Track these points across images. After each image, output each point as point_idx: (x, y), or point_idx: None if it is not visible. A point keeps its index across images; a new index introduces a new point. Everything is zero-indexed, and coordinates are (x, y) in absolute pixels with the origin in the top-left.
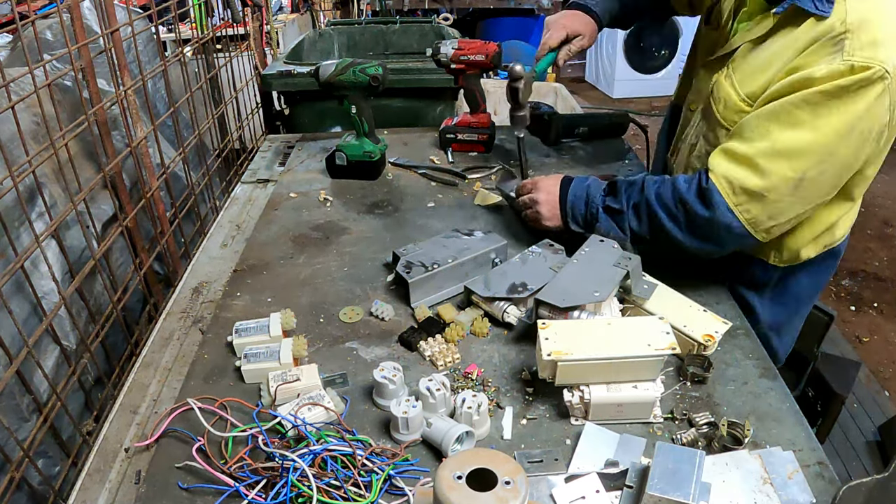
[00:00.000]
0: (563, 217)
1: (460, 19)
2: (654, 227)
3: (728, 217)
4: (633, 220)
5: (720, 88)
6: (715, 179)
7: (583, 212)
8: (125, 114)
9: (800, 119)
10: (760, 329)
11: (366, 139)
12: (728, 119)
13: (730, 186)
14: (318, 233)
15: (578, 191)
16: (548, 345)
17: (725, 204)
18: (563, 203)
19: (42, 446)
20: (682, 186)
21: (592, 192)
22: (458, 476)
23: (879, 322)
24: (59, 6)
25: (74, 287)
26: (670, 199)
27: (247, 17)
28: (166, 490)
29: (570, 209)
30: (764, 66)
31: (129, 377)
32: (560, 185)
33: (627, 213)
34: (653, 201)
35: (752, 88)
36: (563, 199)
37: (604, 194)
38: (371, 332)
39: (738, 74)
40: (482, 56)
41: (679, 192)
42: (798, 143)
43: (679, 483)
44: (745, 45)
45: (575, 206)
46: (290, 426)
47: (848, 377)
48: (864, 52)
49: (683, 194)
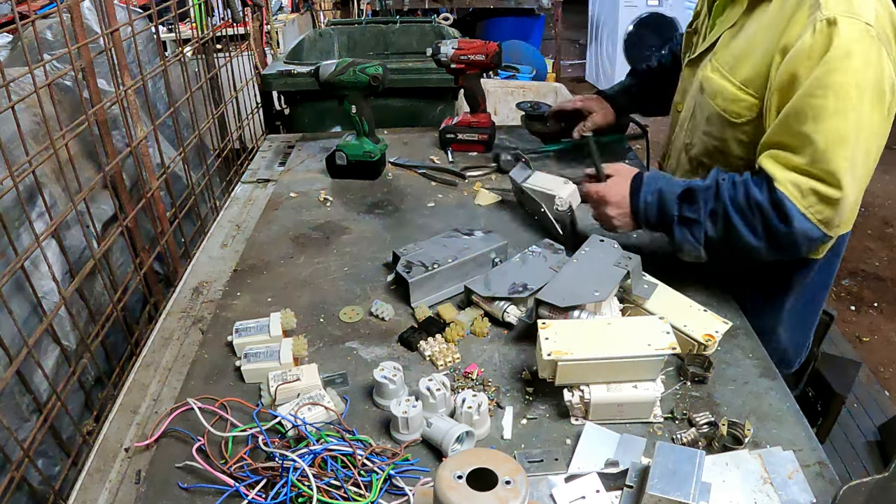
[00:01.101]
0: (636, 221)
1: (460, 19)
2: (730, 234)
3: (804, 224)
4: (709, 227)
5: (711, 82)
6: (782, 187)
7: (656, 217)
8: (125, 114)
9: (825, 106)
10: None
11: (366, 139)
12: (730, 110)
13: (798, 191)
14: (318, 233)
15: (650, 196)
16: (548, 345)
17: (797, 209)
18: (635, 208)
19: (42, 446)
20: (757, 194)
21: (666, 197)
22: (458, 476)
23: (879, 322)
24: (59, 6)
25: (74, 287)
26: (747, 206)
27: (247, 16)
28: (166, 490)
29: (644, 214)
30: (748, 49)
31: (129, 377)
32: (630, 187)
33: (705, 222)
34: (731, 210)
35: (745, 74)
36: (635, 203)
37: (679, 201)
38: (371, 332)
39: (725, 65)
40: (482, 56)
41: (755, 198)
42: (837, 131)
43: (679, 483)
44: (724, 35)
45: (648, 212)
46: (290, 426)
47: (848, 377)
48: (840, 7)
49: (760, 202)
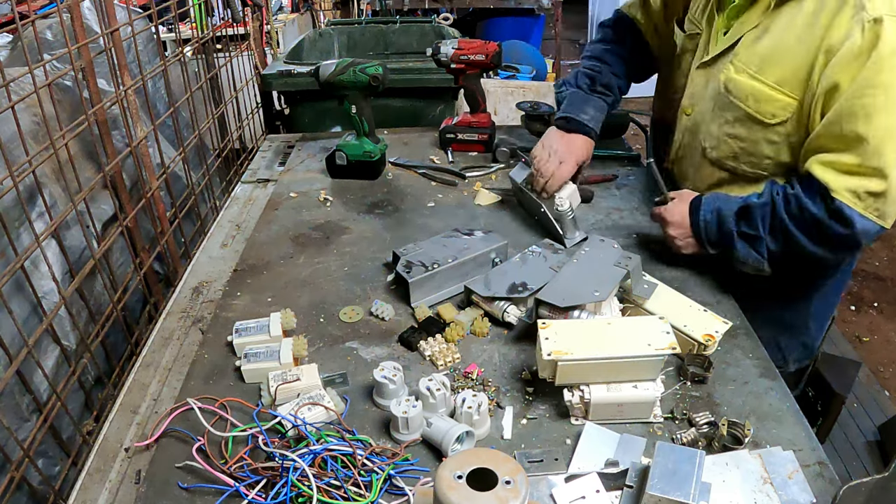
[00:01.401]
0: (699, 242)
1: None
2: (793, 247)
3: (864, 223)
4: (770, 243)
5: (738, 84)
6: (839, 196)
7: (716, 235)
8: (125, 114)
9: (875, 105)
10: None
11: (366, 139)
12: (764, 111)
13: (854, 196)
14: (318, 233)
15: (709, 214)
16: (548, 344)
17: (858, 214)
18: (695, 227)
19: (42, 446)
20: (812, 207)
21: (724, 214)
22: (458, 476)
23: (879, 322)
24: (59, 6)
25: (74, 287)
26: (804, 220)
27: (247, 16)
28: (166, 490)
29: (704, 232)
30: (780, 49)
31: (129, 377)
32: (690, 207)
33: (766, 237)
34: (788, 223)
35: (778, 74)
36: (695, 222)
37: (736, 218)
38: (371, 332)
39: (752, 66)
40: (482, 56)
41: (811, 212)
42: (887, 127)
43: (679, 483)
44: (747, 36)
45: (708, 230)
46: (290, 426)
47: (848, 377)
48: (885, 7)
49: (817, 216)
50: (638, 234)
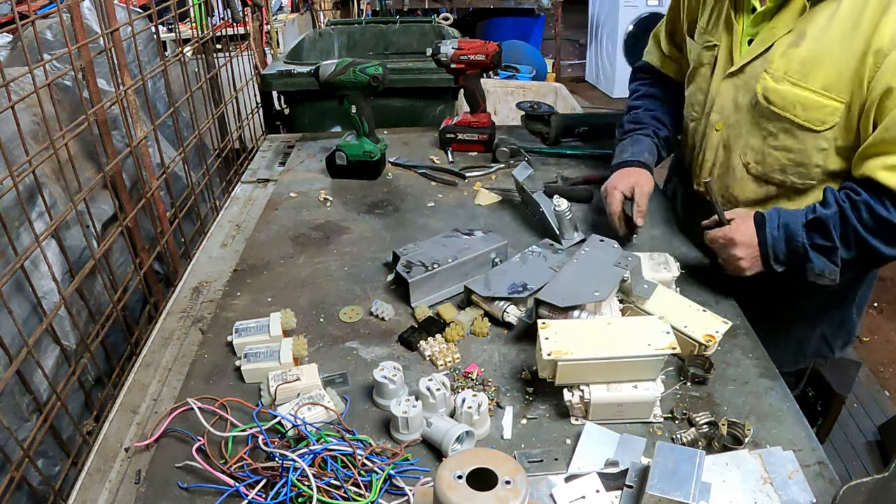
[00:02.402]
0: (765, 260)
1: (460, 19)
2: (868, 253)
3: None
4: (844, 251)
5: (782, 94)
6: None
7: (785, 251)
8: (125, 114)
9: None
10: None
11: (366, 139)
12: (813, 119)
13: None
14: (318, 233)
15: (776, 230)
16: (548, 344)
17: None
18: (764, 246)
19: (42, 446)
20: (884, 212)
21: (793, 228)
22: (458, 476)
23: (879, 322)
24: (59, 6)
25: (74, 287)
26: (878, 226)
27: (247, 16)
28: (166, 490)
29: (773, 249)
30: (822, 53)
31: (129, 377)
32: (755, 226)
33: (840, 247)
34: (861, 231)
35: (824, 80)
36: (762, 239)
37: (806, 230)
38: (371, 332)
39: (794, 73)
40: (482, 56)
41: (884, 218)
42: None
43: (679, 483)
44: (779, 42)
45: (776, 246)
46: (290, 426)
47: (848, 377)
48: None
49: (891, 220)
50: (638, 234)
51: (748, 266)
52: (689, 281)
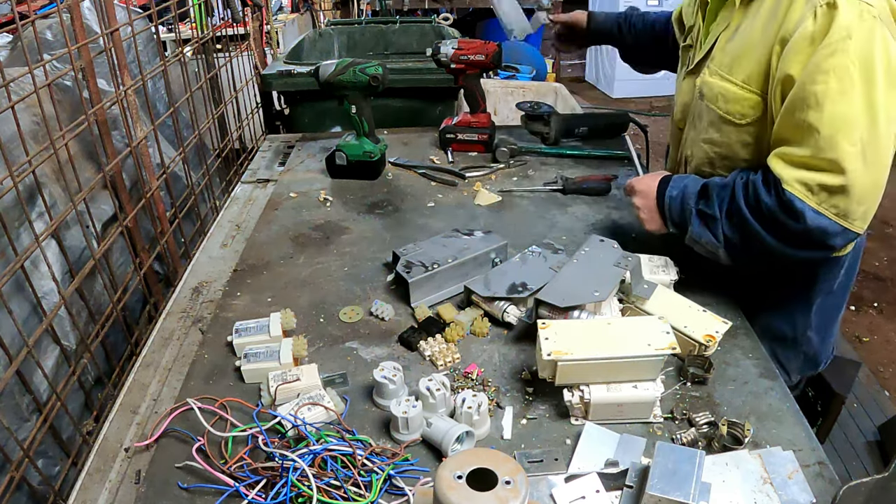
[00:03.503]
0: (662, 218)
1: (460, 19)
2: (749, 236)
3: (818, 220)
4: (727, 227)
5: (711, 87)
6: (789, 188)
7: (679, 212)
8: (125, 114)
9: (827, 91)
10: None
11: (366, 139)
12: (733, 112)
13: (806, 188)
14: (318, 233)
15: (675, 191)
16: (548, 345)
17: (809, 207)
18: (661, 204)
19: (42, 446)
20: (765, 197)
21: (689, 191)
22: (458, 476)
23: (879, 322)
24: (59, 6)
25: (74, 287)
26: (759, 209)
27: (247, 17)
28: (166, 490)
29: (668, 210)
30: (745, 47)
31: (129, 377)
32: (658, 184)
33: (721, 220)
34: (744, 209)
35: (746, 73)
36: (661, 198)
37: (697, 196)
38: (371, 332)
39: (724, 67)
40: (482, 56)
41: (763, 202)
42: (839, 114)
43: (679, 483)
44: (720, 38)
45: (672, 208)
46: (290, 426)
47: (848, 377)
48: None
49: (768, 205)
50: (638, 234)
51: (646, 218)
52: (690, 281)
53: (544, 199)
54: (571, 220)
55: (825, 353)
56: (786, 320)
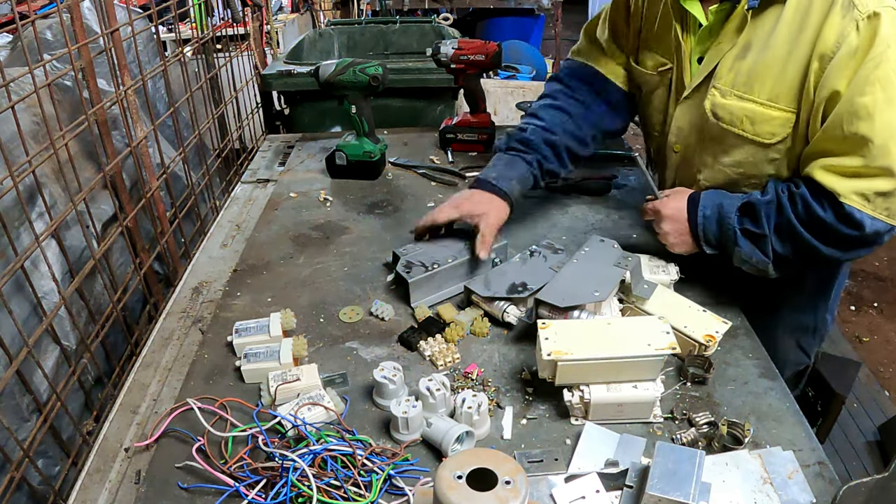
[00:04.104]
0: (696, 240)
1: (460, 19)
2: (802, 249)
3: (876, 225)
4: (776, 243)
5: (728, 110)
6: (847, 200)
7: (716, 234)
8: (125, 114)
9: (875, 102)
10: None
11: (366, 139)
12: (763, 133)
13: (863, 199)
14: (318, 233)
15: (709, 210)
16: (548, 345)
17: (868, 216)
18: (694, 225)
19: (42, 446)
20: (820, 212)
21: (726, 211)
22: (458, 476)
23: (879, 322)
24: (59, 6)
25: (74, 287)
26: (813, 223)
27: (247, 17)
28: (166, 490)
29: (703, 231)
30: (768, 63)
31: (129, 377)
32: (687, 205)
33: (770, 237)
34: (796, 225)
35: (770, 90)
36: (693, 220)
37: (739, 214)
38: (371, 332)
39: (740, 87)
40: (482, 56)
41: (819, 217)
42: (889, 122)
43: (679, 483)
44: (726, 58)
45: (707, 228)
46: (290, 426)
47: (848, 377)
48: (874, 1)
49: (826, 220)
50: (638, 234)
51: (676, 242)
52: (690, 281)
53: (544, 199)
54: (571, 220)
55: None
56: (811, 311)
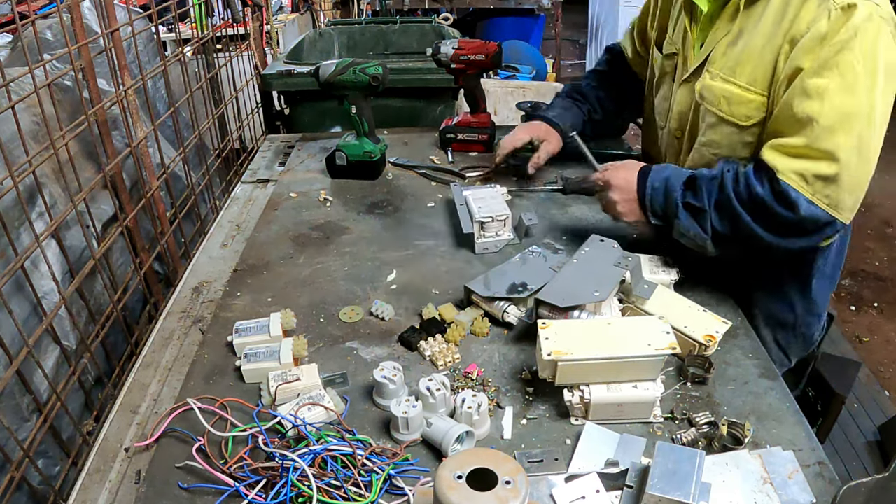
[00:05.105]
0: (643, 210)
1: (460, 19)
2: (741, 229)
3: (811, 209)
4: (716, 220)
5: (712, 90)
6: (785, 178)
7: (662, 205)
8: (125, 114)
9: (829, 86)
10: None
11: (366, 139)
12: (738, 114)
13: (802, 179)
14: (318, 233)
15: (657, 182)
16: (548, 345)
17: (804, 198)
18: (642, 196)
19: (42, 446)
20: (758, 188)
21: (672, 184)
22: (458, 476)
23: (879, 322)
24: (59, 6)
25: (74, 287)
26: (751, 200)
27: (247, 16)
28: (166, 490)
29: (650, 202)
30: (750, 49)
31: (129, 377)
32: (637, 176)
33: (710, 212)
34: (734, 201)
35: (750, 74)
36: (642, 191)
37: (683, 188)
38: (371, 332)
39: (726, 70)
40: (482, 56)
41: (757, 193)
42: (841, 109)
43: (679, 483)
44: (720, 44)
45: (654, 199)
46: (290, 426)
47: (848, 377)
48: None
49: (762, 197)
50: (638, 234)
51: (624, 211)
52: (689, 281)
53: (544, 199)
54: (571, 220)
55: (818, 331)
56: (787, 307)
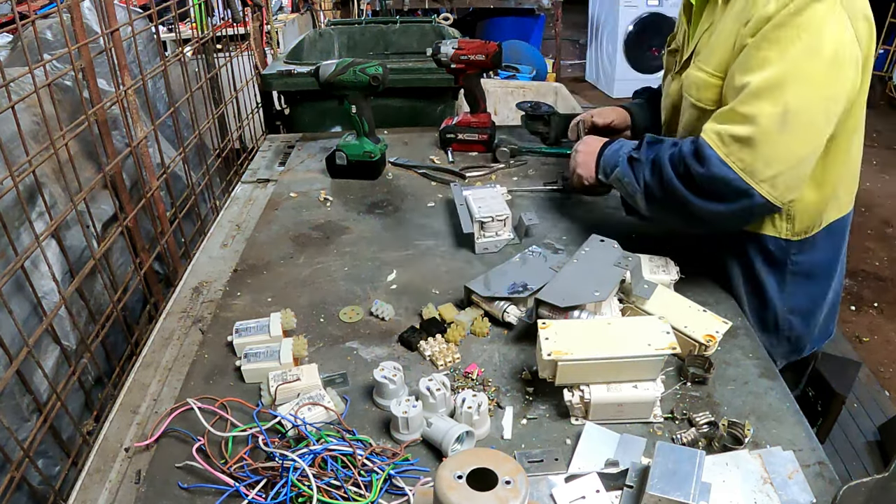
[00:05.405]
0: (596, 168)
1: (460, 19)
2: (663, 182)
3: (723, 169)
4: (647, 172)
5: (689, 79)
6: (704, 135)
7: (612, 163)
8: (125, 114)
9: (767, 58)
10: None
11: (366, 139)
12: (705, 98)
13: (718, 137)
14: (318, 233)
15: (617, 145)
16: (548, 345)
17: (716, 155)
18: (599, 155)
19: (42, 446)
20: (684, 147)
21: (626, 148)
22: (458, 476)
23: (879, 322)
24: (59, 6)
25: (74, 287)
26: (676, 156)
27: (247, 16)
28: (166, 490)
29: (604, 162)
30: (720, 38)
31: (129, 377)
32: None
33: (645, 164)
34: (664, 158)
35: (717, 60)
36: (601, 153)
37: (634, 148)
38: (371, 332)
39: (703, 59)
40: (482, 56)
41: (681, 151)
42: (772, 78)
43: (679, 483)
44: (703, 37)
45: (607, 160)
46: (290, 426)
47: (848, 377)
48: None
49: (684, 153)
50: (638, 234)
51: (581, 162)
52: (689, 281)
53: (544, 199)
54: (571, 220)
55: (810, 339)
56: (763, 303)
